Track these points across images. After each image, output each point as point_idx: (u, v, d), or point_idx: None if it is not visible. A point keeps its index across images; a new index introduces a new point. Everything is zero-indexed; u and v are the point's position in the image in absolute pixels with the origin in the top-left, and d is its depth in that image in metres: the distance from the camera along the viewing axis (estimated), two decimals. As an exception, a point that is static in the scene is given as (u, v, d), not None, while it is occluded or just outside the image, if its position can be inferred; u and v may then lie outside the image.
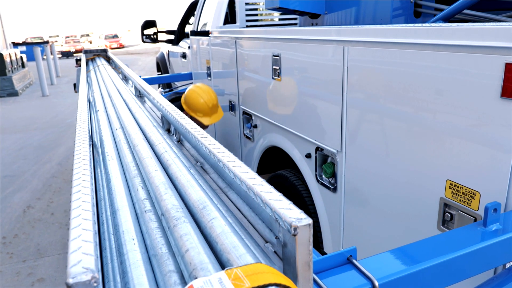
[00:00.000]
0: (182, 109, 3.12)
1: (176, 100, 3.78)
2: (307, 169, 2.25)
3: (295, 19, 4.23)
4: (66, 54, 31.19)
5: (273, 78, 2.46)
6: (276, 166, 3.01)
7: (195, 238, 0.65)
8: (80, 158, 0.96)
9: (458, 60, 1.24)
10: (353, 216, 1.89)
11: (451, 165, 1.31)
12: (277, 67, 2.38)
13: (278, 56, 2.36)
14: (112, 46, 37.87)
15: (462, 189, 1.26)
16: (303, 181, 2.36)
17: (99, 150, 1.47)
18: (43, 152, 6.21)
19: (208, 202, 0.79)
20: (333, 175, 1.98)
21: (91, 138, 1.58)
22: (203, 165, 1.33)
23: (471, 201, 1.24)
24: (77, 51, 33.36)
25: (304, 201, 2.41)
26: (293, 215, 0.65)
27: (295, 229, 0.61)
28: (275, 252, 0.77)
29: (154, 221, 0.81)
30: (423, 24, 1.44)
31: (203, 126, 3.05)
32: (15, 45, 23.70)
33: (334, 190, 1.98)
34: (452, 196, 1.30)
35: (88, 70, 4.10)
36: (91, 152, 1.31)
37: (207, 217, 0.73)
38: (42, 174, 5.26)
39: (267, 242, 0.80)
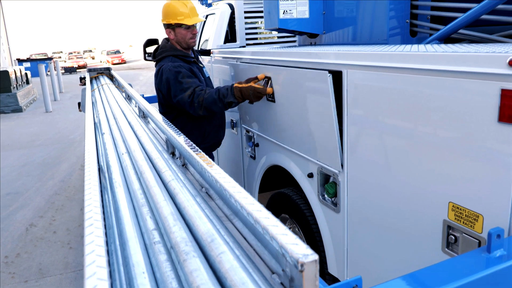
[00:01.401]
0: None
1: None
2: (310, 189, 2.27)
3: (294, 36, 4.30)
4: (69, 70, 31.51)
5: (267, 99, 2.52)
6: (278, 184, 3.03)
7: (205, 275, 0.66)
8: (90, 189, 0.99)
9: (456, 85, 1.27)
10: (357, 236, 1.90)
11: (453, 188, 1.32)
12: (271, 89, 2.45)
13: (269, 79, 2.44)
14: (114, 62, 38.28)
15: (465, 212, 1.28)
16: (306, 200, 2.38)
17: (106, 175, 1.49)
18: (46, 168, 6.24)
19: (216, 235, 0.81)
20: (336, 195, 2.00)
21: (98, 161, 1.60)
22: (208, 190, 1.35)
23: (475, 224, 1.26)
24: (80, 67, 33.70)
25: (307, 220, 2.42)
26: (299, 250, 0.66)
27: (301, 265, 0.63)
28: (281, 283, 0.79)
29: (164, 253, 0.83)
30: (420, 47, 1.47)
31: (188, 34, 2.93)
32: (20, 61, 24.01)
33: (337, 210, 2.00)
34: (455, 219, 1.32)
35: (92, 89, 4.15)
36: (99, 177, 1.33)
37: (215, 251, 0.75)
38: (45, 191, 5.29)
39: (273, 273, 0.82)
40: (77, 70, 32.18)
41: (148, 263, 0.83)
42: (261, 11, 4.03)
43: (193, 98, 2.66)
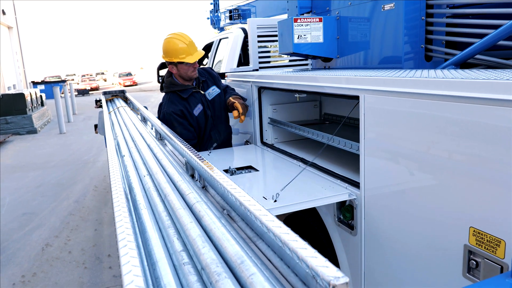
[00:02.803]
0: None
1: None
2: (325, 211, 2.27)
3: (306, 59, 4.37)
4: (82, 92, 32.11)
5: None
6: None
7: (239, 296, 0.68)
8: (120, 210, 1.02)
9: (476, 110, 1.29)
10: (375, 260, 1.89)
11: (474, 212, 1.33)
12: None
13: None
14: (126, 84, 38.94)
15: (487, 237, 1.28)
16: (321, 222, 2.38)
17: (129, 197, 1.52)
18: (61, 189, 6.32)
19: (245, 256, 0.83)
20: (353, 217, 2.00)
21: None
22: (229, 212, 1.37)
23: (496, 249, 1.26)
24: (92, 89, 34.38)
25: (322, 243, 2.41)
26: (330, 273, 0.68)
27: (333, 287, 0.65)
28: (312, 305, 0.80)
29: (194, 274, 0.85)
30: (438, 72, 1.49)
31: (190, 68, 3.11)
32: (35, 84, 24.58)
33: (354, 233, 2.00)
34: (477, 244, 1.32)
35: (108, 112, 4.24)
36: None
37: (246, 272, 0.77)
38: (60, 211, 5.34)
39: (302, 295, 0.83)
40: (90, 92, 32.82)
41: (179, 284, 0.85)
42: (274, 35, 4.12)
43: None
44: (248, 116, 3.31)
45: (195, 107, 3.19)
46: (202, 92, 3.28)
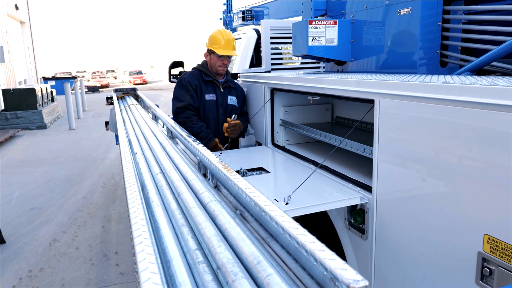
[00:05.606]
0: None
1: None
2: (336, 215, 2.26)
3: (318, 62, 4.36)
4: (92, 89, 32.30)
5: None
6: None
7: (257, 296, 0.68)
8: (135, 207, 1.02)
9: (492, 117, 1.27)
10: (385, 265, 1.88)
11: (489, 220, 1.31)
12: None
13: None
14: (136, 82, 39.09)
15: (501, 245, 1.27)
16: (331, 225, 2.37)
17: (141, 194, 1.53)
18: (69, 185, 6.36)
19: (261, 257, 0.83)
20: (364, 222, 1.99)
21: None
22: (242, 213, 1.37)
23: (511, 257, 1.24)
24: (102, 86, 34.61)
25: (332, 247, 2.40)
26: (349, 276, 0.68)
27: (353, 290, 0.65)
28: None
29: (209, 273, 0.85)
30: (454, 78, 1.47)
31: (218, 61, 3.35)
32: (46, 79, 24.80)
33: (365, 237, 1.99)
34: (491, 251, 1.30)
35: (120, 109, 4.27)
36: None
37: (262, 273, 0.77)
38: (68, 207, 5.37)
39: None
40: (100, 90, 33.04)
41: (193, 282, 0.85)
42: (286, 37, 4.11)
43: (180, 113, 3.24)
44: (260, 117, 3.31)
45: (209, 94, 3.37)
46: (221, 90, 3.43)
